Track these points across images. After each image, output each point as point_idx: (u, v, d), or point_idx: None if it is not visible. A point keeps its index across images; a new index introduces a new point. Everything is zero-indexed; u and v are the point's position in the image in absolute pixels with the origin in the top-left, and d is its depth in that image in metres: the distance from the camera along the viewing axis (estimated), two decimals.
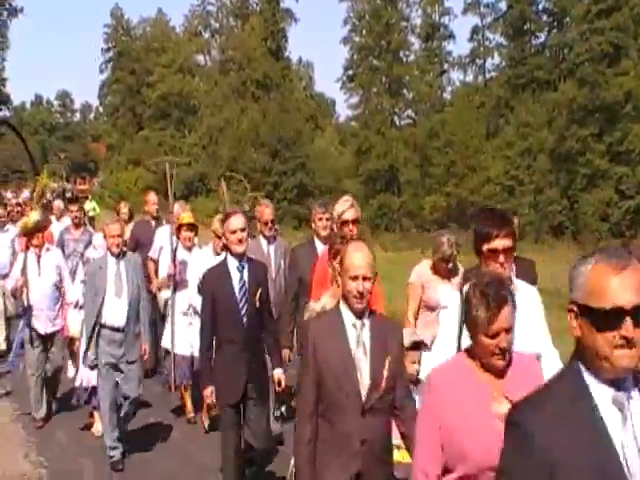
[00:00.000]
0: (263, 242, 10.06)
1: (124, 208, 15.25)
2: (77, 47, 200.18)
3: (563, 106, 49.95)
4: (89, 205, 19.77)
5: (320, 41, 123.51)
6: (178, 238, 10.70)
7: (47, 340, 10.51)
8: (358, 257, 4.79)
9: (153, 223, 13.06)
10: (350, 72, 67.86)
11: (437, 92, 66.11)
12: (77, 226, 13.35)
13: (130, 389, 8.97)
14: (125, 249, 9.41)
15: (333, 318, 4.96)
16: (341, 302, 4.93)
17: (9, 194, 39.92)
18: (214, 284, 7.22)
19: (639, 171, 44.46)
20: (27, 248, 10.60)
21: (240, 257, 7.19)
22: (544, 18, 59.12)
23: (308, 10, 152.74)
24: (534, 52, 57.91)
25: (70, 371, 11.33)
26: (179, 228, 10.64)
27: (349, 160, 64.82)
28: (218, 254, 9.64)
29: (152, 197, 13.64)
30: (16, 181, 63.58)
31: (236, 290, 7.16)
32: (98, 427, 9.83)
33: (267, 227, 9.95)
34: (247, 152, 60.37)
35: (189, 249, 10.63)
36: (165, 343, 10.66)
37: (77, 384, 10.00)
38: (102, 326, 8.87)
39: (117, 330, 8.88)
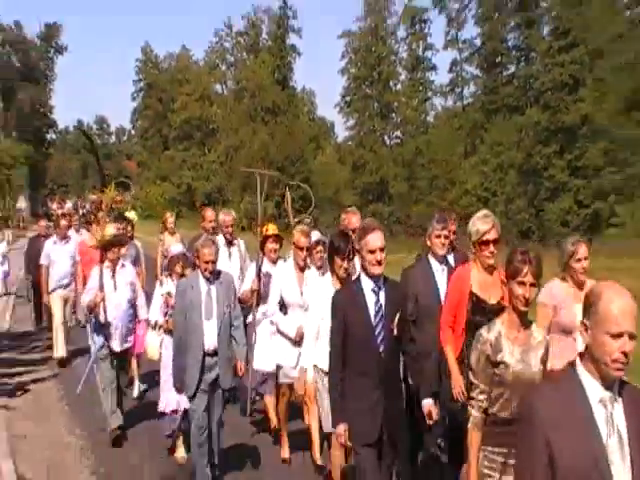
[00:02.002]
0: None
1: (171, 217, 13.91)
2: (112, 79, 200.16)
3: (529, 128, 50.09)
4: (129, 215, 19.05)
5: (321, 72, 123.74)
6: (262, 250, 8.96)
7: (120, 357, 9.19)
8: (622, 305, 3.09)
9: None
10: (347, 99, 67.81)
11: (421, 116, 65.99)
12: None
13: (217, 413, 7.59)
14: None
15: (571, 391, 3.18)
16: (580, 366, 3.22)
17: (54, 205, 40.00)
18: (346, 308, 5.51)
19: (594, 184, 44.55)
20: (101, 262, 9.14)
21: (376, 278, 5.49)
22: (513, 53, 59.18)
23: (311, 45, 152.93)
24: (505, 82, 57.80)
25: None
26: (264, 240, 8.94)
27: (346, 175, 64.77)
28: (301, 268, 8.08)
29: (209, 213, 11.75)
30: (60, 194, 63.71)
31: (372, 315, 5.46)
32: (181, 452, 8.56)
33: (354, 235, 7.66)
34: (258, 168, 60.41)
35: (274, 262, 8.90)
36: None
37: (161, 409, 8.52)
38: (193, 350, 7.36)
39: (208, 354, 7.37)
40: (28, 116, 70.71)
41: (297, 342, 7.83)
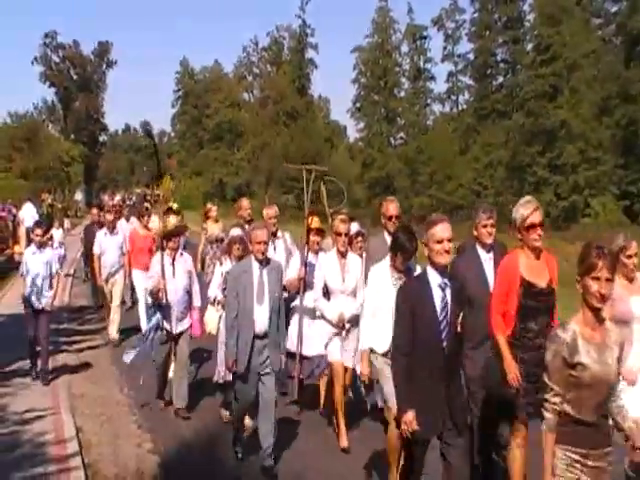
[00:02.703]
0: (388, 238, 7.17)
1: (213, 207, 13.00)
2: (155, 88, 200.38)
3: (515, 131, 49.92)
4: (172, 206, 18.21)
5: (335, 81, 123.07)
6: (307, 242, 8.30)
7: (174, 339, 8.65)
8: None
9: (247, 227, 9.58)
10: (357, 105, 67.76)
11: (422, 120, 65.89)
12: None
13: (268, 392, 6.85)
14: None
15: None
16: None
17: (106, 197, 40.24)
18: (414, 301, 4.82)
19: (571, 179, 44.42)
20: (163, 250, 8.59)
21: (442, 270, 4.85)
22: (501, 65, 59.02)
23: (326, 58, 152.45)
24: (494, 90, 57.67)
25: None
26: (308, 232, 8.31)
27: (357, 171, 64.69)
28: (342, 254, 7.51)
29: (245, 203, 10.84)
30: (111, 188, 64.09)
31: (438, 310, 4.80)
32: (225, 413, 8.23)
33: (392, 223, 7.34)
34: (280, 165, 60.46)
35: (316, 252, 8.29)
36: (289, 345, 7.90)
37: (215, 379, 8.34)
38: (244, 332, 6.75)
39: (258, 337, 6.76)
40: (84, 121, 71.04)
41: (340, 327, 7.46)
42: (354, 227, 8.15)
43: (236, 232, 8.23)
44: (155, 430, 8.17)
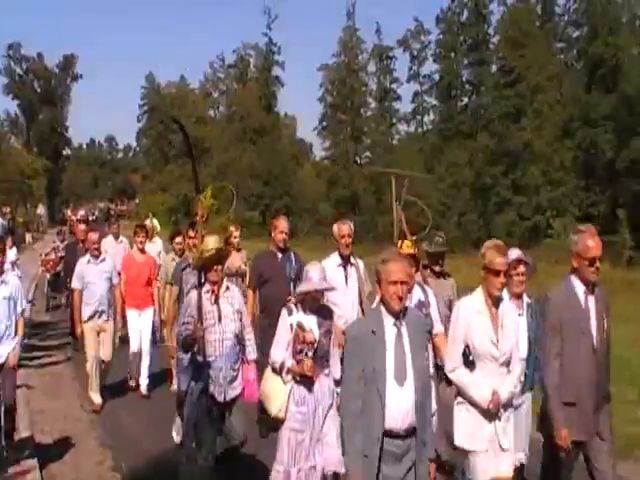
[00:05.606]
0: (581, 292, 5.12)
1: (236, 232, 10.21)
2: (120, 103, 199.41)
3: (480, 151, 50.51)
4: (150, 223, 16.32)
5: (301, 100, 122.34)
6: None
7: (224, 409, 6.11)
8: None
9: (279, 255, 8.11)
10: (324, 123, 67.98)
11: (388, 139, 66.34)
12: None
13: None
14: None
15: None
16: None
17: (69, 212, 39.99)
18: None
19: (534, 200, 45.01)
20: (200, 285, 6.04)
21: None
22: (466, 86, 59.78)
23: (293, 76, 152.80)
24: (459, 111, 58.26)
25: None
26: None
27: (322, 188, 64.82)
28: (494, 302, 5.03)
29: (283, 223, 8.28)
30: (74, 202, 63.43)
31: None
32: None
33: (593, 268, 5.04)
34: (246, 182, 60.38)
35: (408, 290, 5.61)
36: None
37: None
38: (372, 429, 4.32)
39: (397, 436, 4.33)
40: (47, 134, 70.43)
41: (494, 412, 4.91)
42: (512, 254, 5.84)
43: (316, 270, 5.70)
44: (116, 447, 8.11)
